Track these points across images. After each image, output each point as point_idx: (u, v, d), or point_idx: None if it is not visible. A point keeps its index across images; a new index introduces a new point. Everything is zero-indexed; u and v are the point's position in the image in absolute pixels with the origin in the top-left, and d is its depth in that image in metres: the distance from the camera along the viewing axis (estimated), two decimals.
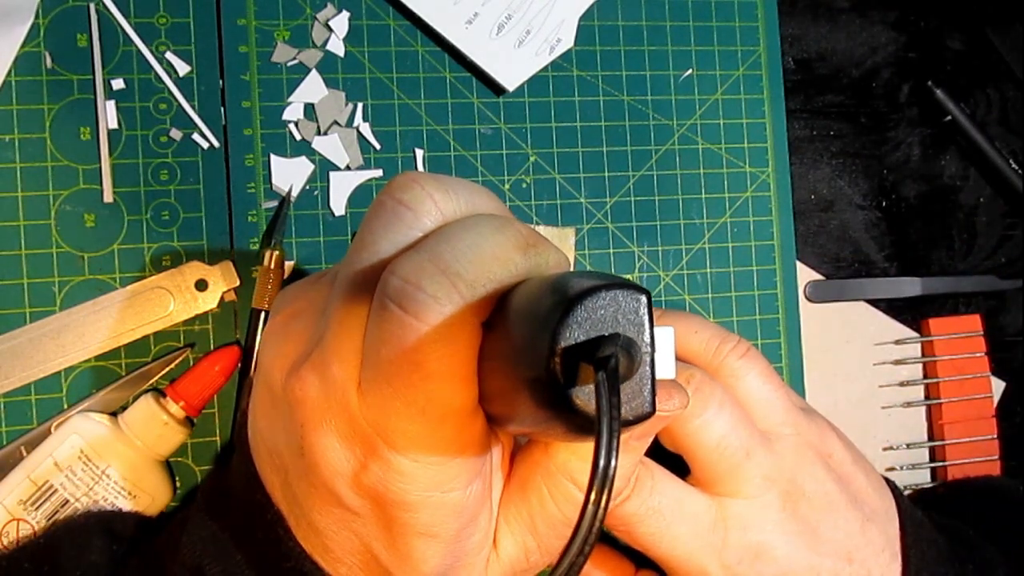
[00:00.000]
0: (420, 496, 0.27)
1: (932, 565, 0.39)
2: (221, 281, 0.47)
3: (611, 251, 0.53)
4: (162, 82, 0.48)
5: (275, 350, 0.29)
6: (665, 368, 0.23)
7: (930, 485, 0.57)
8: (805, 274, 0.56)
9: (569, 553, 0.19)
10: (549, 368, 0.21)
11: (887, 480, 0.42)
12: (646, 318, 0.22)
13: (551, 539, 0.30)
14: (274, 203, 0.49)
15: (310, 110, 0.50)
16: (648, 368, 0.22)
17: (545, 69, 0.52)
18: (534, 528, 0.30)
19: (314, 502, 0.28)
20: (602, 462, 0.19)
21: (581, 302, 0.21)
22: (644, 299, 0.22)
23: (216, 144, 0.48)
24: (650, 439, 0.31)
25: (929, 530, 0.41)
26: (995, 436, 0.57)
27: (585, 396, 0.21)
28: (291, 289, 0.32)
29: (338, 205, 0.49)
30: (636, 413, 0.22)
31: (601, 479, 0.19)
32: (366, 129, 0.50)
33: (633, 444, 0.30)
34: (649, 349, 0.22)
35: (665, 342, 0.23)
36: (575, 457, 0.29)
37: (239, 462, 0.33)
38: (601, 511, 0.19)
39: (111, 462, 0.43)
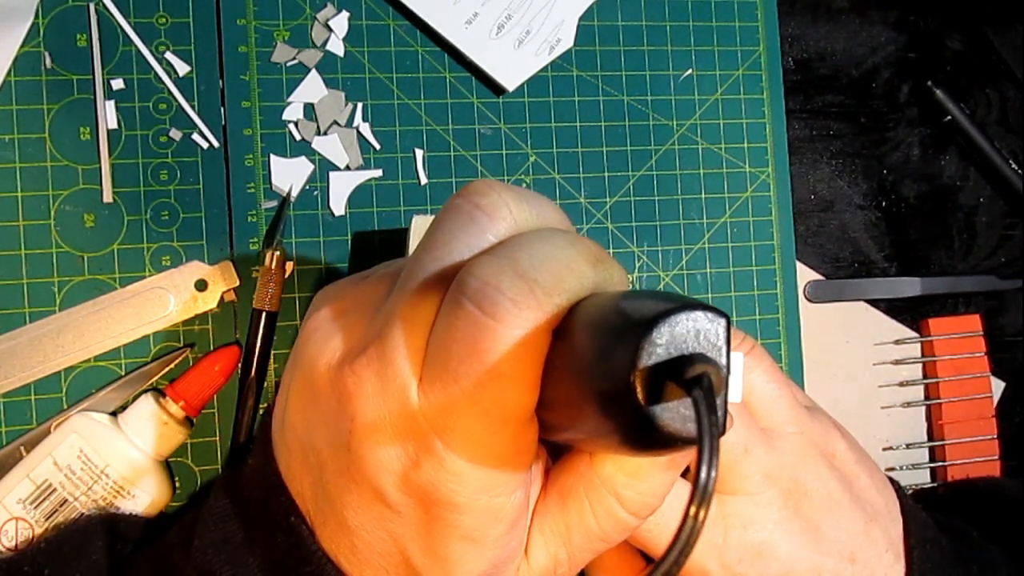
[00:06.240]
0: (469, 499, 0.27)
1: (936, 566, 0.39)
2: (221, 281, 0.47)
3: (611, 251, 0.53)
4: (162, 82, 0.48)
5: (321, 344, 0.29)
6: (735, 392, 0.24)
7: (930, 485, 0.57)
8: (805, 274, 0.56)
9: (666, 561, 0.19)
10: (629, 383, 0.21)
11: (891, 479, 0.42)
12: (725, 342, 0.22)
13: (583, 552, 0.30)
14: (274, 203, 0.49)
15: (310, 110, 0.49)
16: (725, 390, 0.22)
17: (545, 69, 0.52)
18: (568, 540, 0.30)
19: (351, 499, 0.28)
20: (702, 479, 0.19)
21: (664, 320, 0.22)
22: (724, 322, 0.22)
23: (216, 144, 0.48)
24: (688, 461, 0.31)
25: (932, 530, 0.41)
26: (995, 436, 0.57)
27: (668, 414, 0.21)
28: (335, 287, 0.32)
29: (338, 205, 0.49)
30: None
31: (701, 495, 0.19)
32: (366, 129, 0.50)
33: (680, 461, 0.30)
34: (726, 372, 0.22)
35: (737, 366, 0.24)
36: (621, 472, 0.28)
37: (259, 464, 0.33)
38: (699, 526, 0.19)
39: (111, 462, 0.43)
